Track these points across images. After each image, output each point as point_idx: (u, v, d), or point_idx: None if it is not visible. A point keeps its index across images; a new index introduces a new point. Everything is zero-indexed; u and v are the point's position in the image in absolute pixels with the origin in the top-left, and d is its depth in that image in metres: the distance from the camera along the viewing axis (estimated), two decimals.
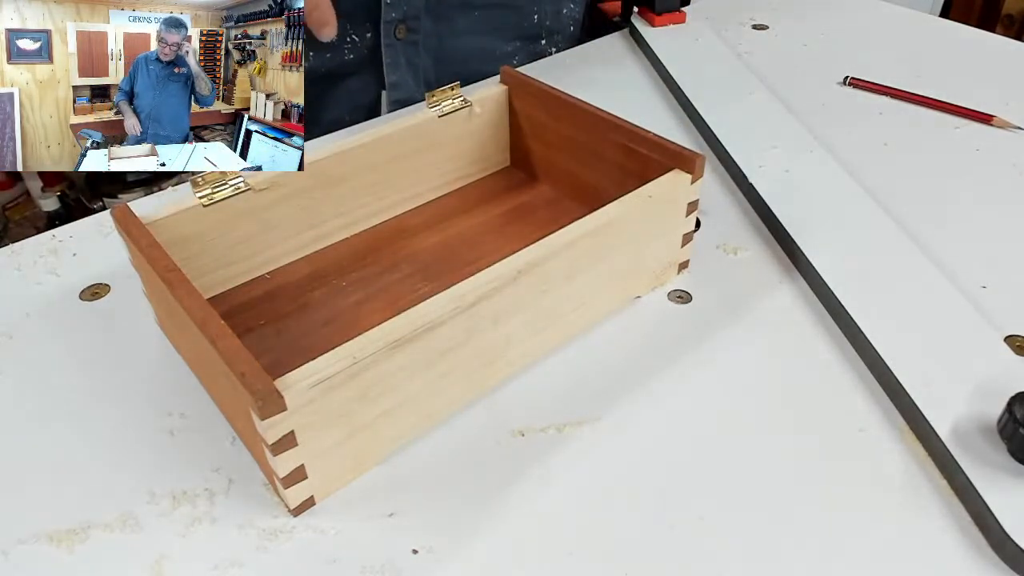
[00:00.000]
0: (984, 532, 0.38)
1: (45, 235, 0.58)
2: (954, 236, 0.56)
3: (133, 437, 0.43)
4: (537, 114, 0.58)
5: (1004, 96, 0.73)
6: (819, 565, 0.37)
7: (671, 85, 0.76)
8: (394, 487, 0.41)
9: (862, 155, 0.65)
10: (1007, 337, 0.47)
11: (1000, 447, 0.40)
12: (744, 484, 0.41)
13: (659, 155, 0.50)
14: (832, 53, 0.82)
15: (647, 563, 0.37)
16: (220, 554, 0.37)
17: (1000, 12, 1.88)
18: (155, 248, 0.43)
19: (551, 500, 0.40)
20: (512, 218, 0.58)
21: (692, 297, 0.52)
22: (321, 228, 0.54)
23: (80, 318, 0.51)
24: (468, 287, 0.40)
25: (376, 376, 0.38)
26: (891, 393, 0.45)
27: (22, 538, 0.38)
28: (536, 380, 0.46)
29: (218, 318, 0.38)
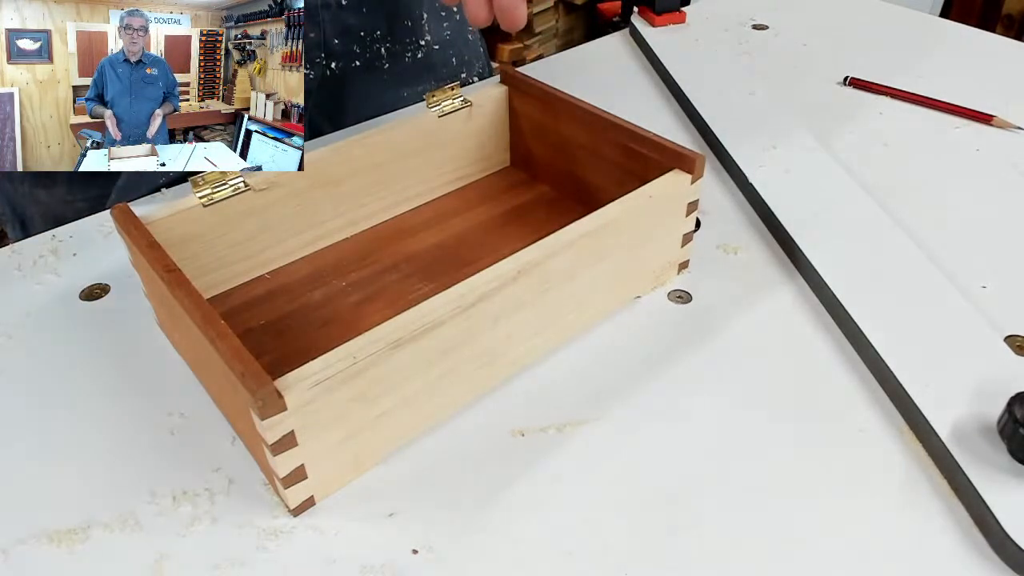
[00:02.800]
0: (984, 532, 0.38)
1: (45, 235, 0.58)
2: (954, 236, 0.56)
3: (133, 437, 0.43)
4: (537, 114, 0.58)
5: (1004, 96, 0.73)
6: (819, 565, 0.37)
7: (671, 85, 0.76)
8: (394, 487, 0.41)
9: (862, 155, 0.65)
10: (1007, 337, 0.47)
11: (1000, 447, 0.40)
12: (744, 484, 0.41)
13: (659, 155, 0.50)
14: (832, 53, 0.82)
15: (647, 563, 0.37)
16: (220, 554, 0.37)
17: (1000, 12, 1.88)
18: (155, 248, 0.43)
19: (551, 500, 0.40)
20: (512, 218, 0.58)
21: (692, 297, 0.52)
22: (321, 228, 0.54)
23: (80, 318, 0.51)
24: (468, 287, 0.40)
25: (376, 376, 0.38)
26: (891, 393, 0.45)
27: (22, 538, 0.38)
28: (536, 380, 0.46)
29: (218, 318, 0.38)
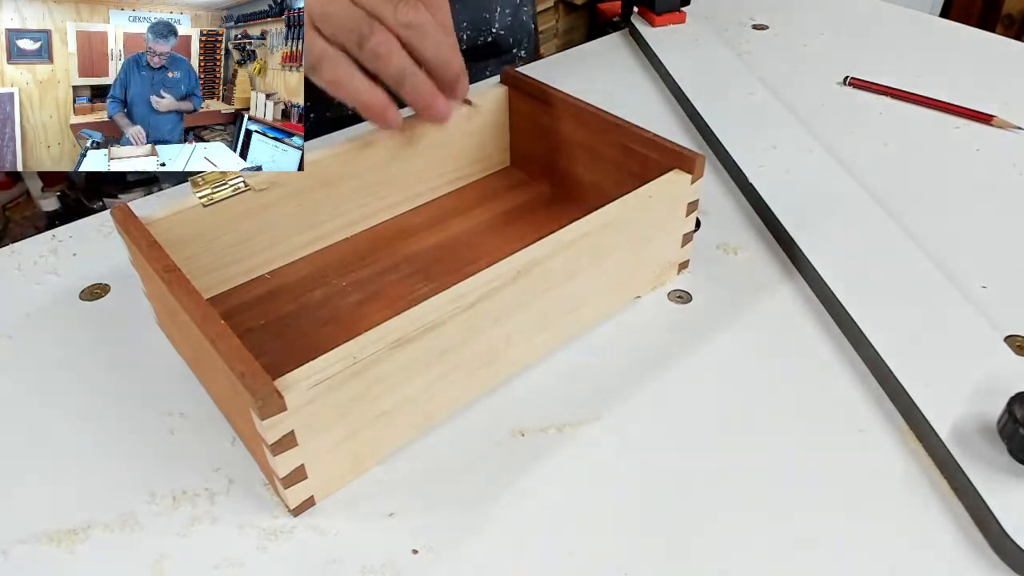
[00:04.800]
0: (984, 532, 0.38)
1: (45, 235, 0.58)
2: (954, 236, 0.56)
3: (133, 437, 0.43)
4: (537, 114, 0.58)
5: (1004, 96, 0.73)
6: (819, 565, 0.37)
7: (671, 85, 0.76)
8: (394, 487, 0.41)
9: (862, 155, 0.65)
10: (1007, 337, 0.47)
11: (1000, 447, 0.40)
12: (744, 484, 0.41)
13: (659, 155, 0.50)
14: (832, 53, 0.82)
15: (647, 563, 0.37)
16: (220, 554, 0.38)
17: (1000, 12, 1.88)
18: (155, 248, 0.43)
19: (551, 500, 0.40)
20: (512, 218, 0.58)
21: (692, 297, 0.52)
22: (321, 228, 0.54)
23: (80, 318, 0.51)
24: (468, 287, 0.40)
25: (376, 376, 0.38)
26: (891, 393, 0.45)
27: (22, 538, 0.38)
28: (536, 380, 0.46)
29: (218, 318, 0.38)
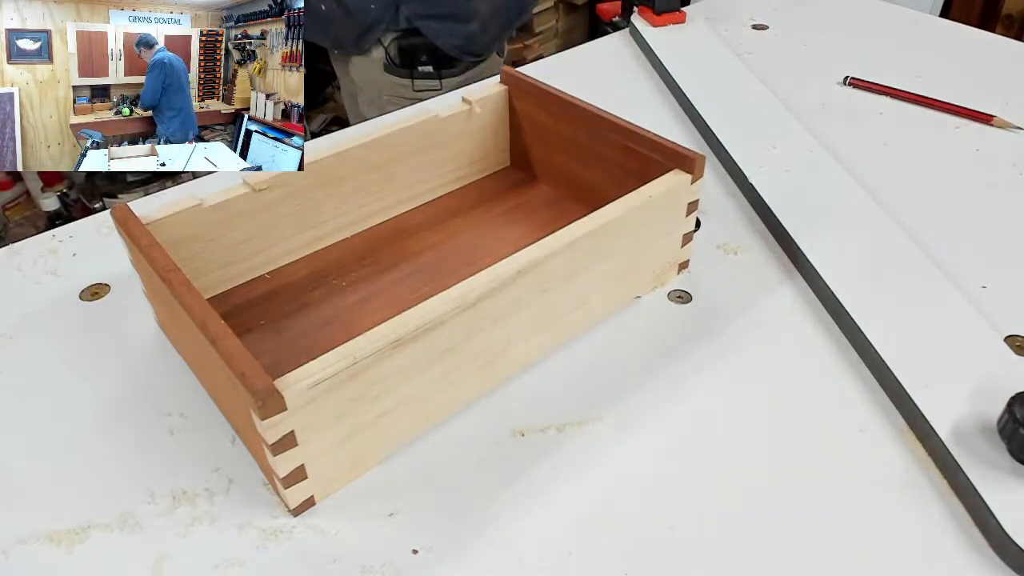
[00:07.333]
0: (984, 532, 0.38)
1: (45, 235, 0.58)
2: (954, 236, 0.56)
3: (133, 437, 0.43)
4: (537, 114, 0.58)
5: (1004, 96, 0.73)
6: (819, 564, 0.37)
7: (671, 85, 0.76)
8: (394, 487, 0.41)
9: (862, 155, 0.65)
10: (1007, 337, 0.47)
11: (1000, 447, 0.40)
12: (744, 484, 0.41)
13: (659, 155, 0.50)
14: (832, 53, 0.82)
15: (647, 563, 0.37)
16: (220, 554, 0.37)
17: (1000, 12, 1.88)
18: (155, 248, 0.43)
19: (551, 500, 0.40)
20: (512, 218, 0.58)
21: (692, 297, 0.52)
22: (321, 228, 0.54)
23: (80, 318, 0.51)
24: (468, 287, 0.40)
25: (376, 376, 0.38)
26: (891, 393, 0.45)
27: (22, 538, 0.38)
28: (536, 380, 0.46)
29: (218, 318, 0.37)
